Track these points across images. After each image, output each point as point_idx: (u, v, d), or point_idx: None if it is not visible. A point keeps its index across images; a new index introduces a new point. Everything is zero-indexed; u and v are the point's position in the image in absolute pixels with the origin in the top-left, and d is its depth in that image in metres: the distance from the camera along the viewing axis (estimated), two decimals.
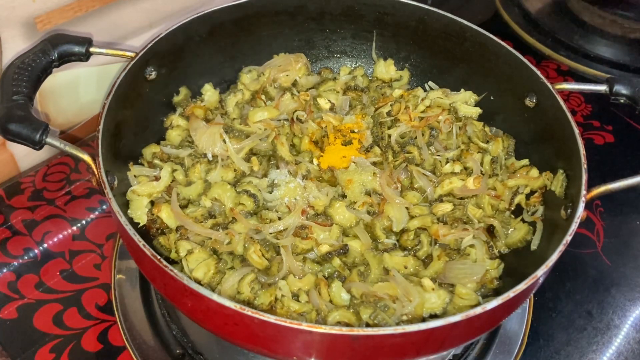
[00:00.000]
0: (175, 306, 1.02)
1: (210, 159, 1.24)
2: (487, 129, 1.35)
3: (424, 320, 1.01)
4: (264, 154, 1.27)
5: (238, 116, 1.34)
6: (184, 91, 1.34)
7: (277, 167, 1.25)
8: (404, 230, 1.16)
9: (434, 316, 1.04)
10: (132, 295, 1.21)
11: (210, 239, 1.10)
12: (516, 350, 1.19)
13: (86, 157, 0.99)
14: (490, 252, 1.13)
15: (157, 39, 1.20)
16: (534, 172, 1.23)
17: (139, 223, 1.13)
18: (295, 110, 1.34)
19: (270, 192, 1.19)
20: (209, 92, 1.37)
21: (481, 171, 1.25)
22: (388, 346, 0.84)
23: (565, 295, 1.31)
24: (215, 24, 1.32)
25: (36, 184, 1.41)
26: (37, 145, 0.97)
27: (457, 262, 1.11)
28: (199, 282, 0.96)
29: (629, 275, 1.36)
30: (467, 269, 1.08)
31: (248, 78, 1.42)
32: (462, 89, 1.40)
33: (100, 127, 1.03)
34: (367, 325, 1.00)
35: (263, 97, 1.38)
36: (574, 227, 0.96)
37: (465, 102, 1.38)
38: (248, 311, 0.80)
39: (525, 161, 1.27)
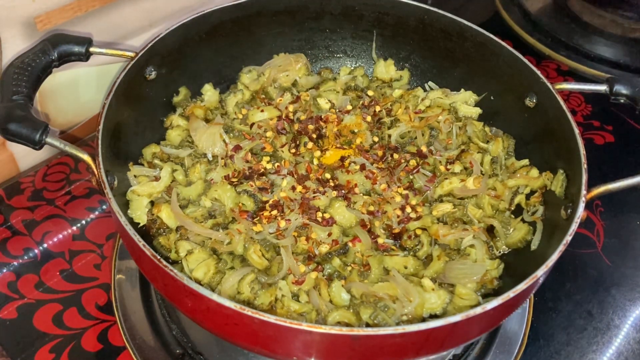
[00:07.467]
0: (175, 306, 1.03)
1: (210, 159, 1.24)
2: (487, 129, 1.35)
3: (424, 320, 1.01)
4: (264, 154, 1.27)
5: (238, 116, 1.34)
6: (184, 91, 1.34)
7: (277, 167, 1.25)
8: (404, 230, 1.16)
9: (434, 316, 1.04)
10: (132, 295, 1.21)
11: (210, 239, 1.10)
12: (516, 350, 1.19)
13: (86, 157, 0.99)
14: (490, 252, 1.13)
15: (157, 39, 1.20)
16: (534, 172, 1.23)
17: (139, 223, 1.13)
18: (296, 111, 1.34)
19: (271, 192, 1.19)
20: (209, 92, 1.37)
21: (481, 171, 1.25)
22: (388, 346, 0.84)
23: (565, 295, 1.31)
24: (215, 24, 1.32)
25: (36, 184, 1.41)
26: (37, 145, 0.97)
27: (457, 262, 1.10)
28: (199, 282, 0.96)
29: (629, 275, 1.36)
30: (467, 269, 1.08)
31: (248, 78, 1.42)
32: (462, 89, 1.40)
33: (100, 127, 1.03)
34: (367, 325, 1.00)
35: (263, 97, 1.38)
36: (574, 227, 0.96)
37: (465, 102, 1.38)
38: (248, 311, 0.80)
39: (525, 161, 1.27)
